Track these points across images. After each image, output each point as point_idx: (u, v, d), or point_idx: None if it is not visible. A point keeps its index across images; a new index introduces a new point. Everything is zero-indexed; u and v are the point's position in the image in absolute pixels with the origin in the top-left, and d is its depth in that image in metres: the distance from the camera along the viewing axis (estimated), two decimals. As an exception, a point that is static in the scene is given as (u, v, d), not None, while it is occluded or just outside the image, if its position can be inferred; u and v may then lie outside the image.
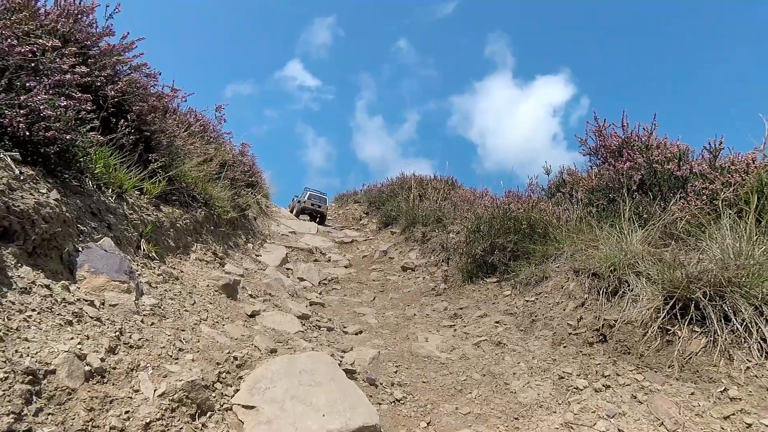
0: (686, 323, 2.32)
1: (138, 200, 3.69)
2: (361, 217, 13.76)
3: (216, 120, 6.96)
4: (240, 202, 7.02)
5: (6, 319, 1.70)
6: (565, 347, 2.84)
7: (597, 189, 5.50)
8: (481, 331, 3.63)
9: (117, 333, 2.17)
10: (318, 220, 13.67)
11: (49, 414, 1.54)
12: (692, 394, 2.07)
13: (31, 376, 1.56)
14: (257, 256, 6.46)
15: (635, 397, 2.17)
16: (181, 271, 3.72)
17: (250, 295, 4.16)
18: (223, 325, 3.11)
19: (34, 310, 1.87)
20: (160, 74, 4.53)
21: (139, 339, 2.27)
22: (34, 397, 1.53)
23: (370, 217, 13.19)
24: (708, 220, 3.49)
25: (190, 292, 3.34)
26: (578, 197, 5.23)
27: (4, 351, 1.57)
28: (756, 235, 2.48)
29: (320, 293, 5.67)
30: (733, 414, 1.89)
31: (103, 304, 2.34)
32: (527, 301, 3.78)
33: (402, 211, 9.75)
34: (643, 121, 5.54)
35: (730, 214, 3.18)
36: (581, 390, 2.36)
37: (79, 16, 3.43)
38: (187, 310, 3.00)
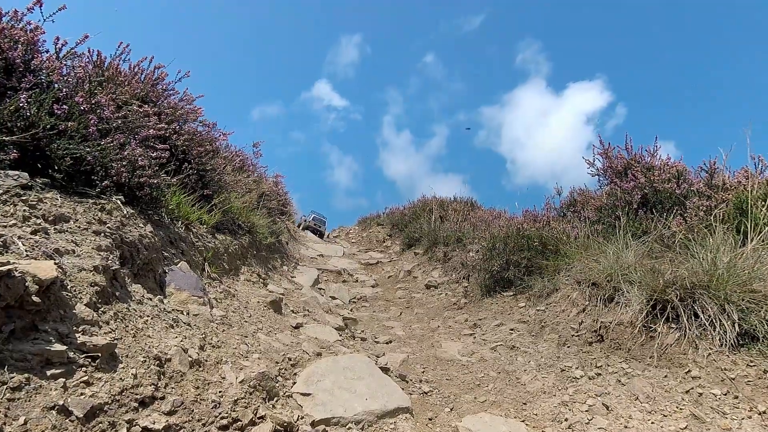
0: (664, 321, 2.76)
1: (200, 230, 4.37)
2: (385, 240, 14.27)
3: (253, 155, 7.73)
4: (275, 229, 7.71)
5: (135, 322, 2.32)
6: (568, 347, 3.28)
7: (605, 207, 5.94)
8: (497, 338, 4.09)
9: (203, 335, 2.76)
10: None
11: (172, 388, 2.12)
12: (665, 376, 2.51)
13: (158, 361, 2.15)
14: (292, 277, 7.07)
15: (619, 381, 2.61)
16: (236, 290, 4.34)
17: (292, 311, 4.74)
18: (276, 334, 3.68)
19: (148, 316, 2.49)
20: (215, 124, 5.30)
21: (218, 341, 2.86)
22: (162, 376, 2.12)
23: (393, 239, 13.69)
24: (703, 233, 3.91)
25: (245, 307, 3.95)
26: (586, 215, 5.67)
27: (139, 343, 2.18)
28: (724, 246, 2.92)
29: (351, 310, 6.21)
30: (692, 388, 2.33)
31: (188, 313, 2.96)
32: (538, 310, 4.23)
33: (424, 233, 10.25)
34: (673, 135, 6.00)
35: (721, 228, 3.60)
36: (578, 378, 2.81)
37: (156, 81, 4.20)
38: (246, 321, 3.59)
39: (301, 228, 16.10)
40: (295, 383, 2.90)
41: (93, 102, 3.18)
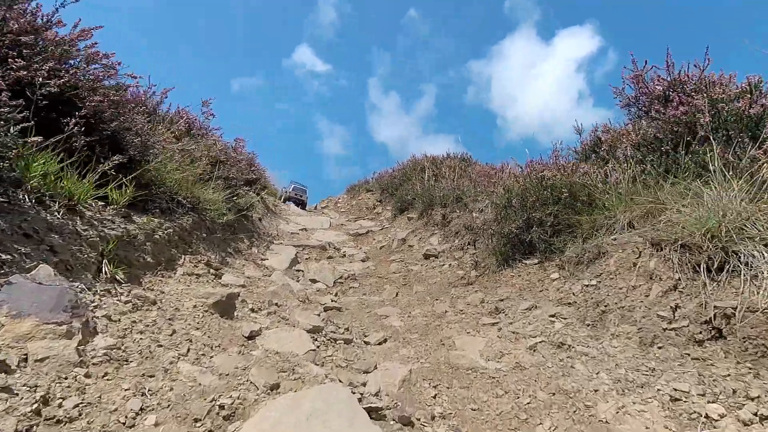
0: None
1: (100, 213, 3.05)
2: (375, 206, 13.11)
3: (203, 116, 6.30)
4: (239, 203, 6.39)
5: None
6: (660, 348, 2.11)
7: (643, 144, 4.67)
8: (533, 329, 2.91)
9: (37, 402, 1.52)
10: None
11: None
12: None
13: None
14: (263, 260, 5.83)
15: (819, 437, 1.44)
16: (162, 292, 3.08)
17: (251, 310, 3.52)
18: (211, 357, 2.46)
19: None
20: (119, 64, 3.87)
21: (75, 406, 1.61)
22: None
23: (383, 205, 12.53)
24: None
25: (169, 319, 2.70)
26: (627, 154, 4.40)
27: None
28: None
29: (336, 294, 5.01)
30: None
31: (24, 360, 1.70)
32: (586, 285, 3.03)
33: (417, 194, 9.02)
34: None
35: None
36: (716, 420, 1.63)
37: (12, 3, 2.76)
38: (161, 345, 2.35)
39: (282, 200, 15.11)
40: (223, 460, 1.70)
41: None
